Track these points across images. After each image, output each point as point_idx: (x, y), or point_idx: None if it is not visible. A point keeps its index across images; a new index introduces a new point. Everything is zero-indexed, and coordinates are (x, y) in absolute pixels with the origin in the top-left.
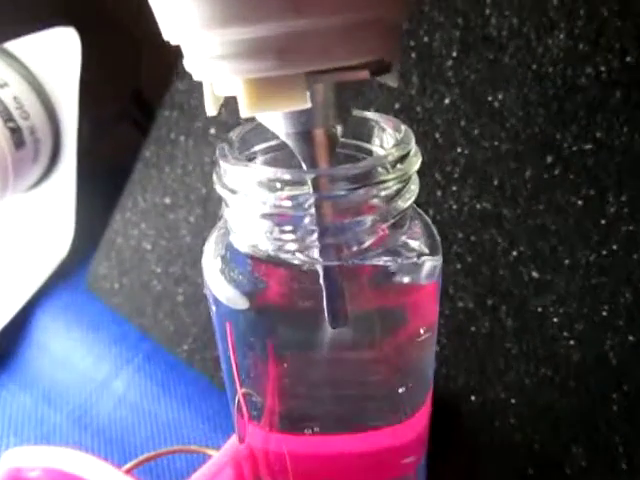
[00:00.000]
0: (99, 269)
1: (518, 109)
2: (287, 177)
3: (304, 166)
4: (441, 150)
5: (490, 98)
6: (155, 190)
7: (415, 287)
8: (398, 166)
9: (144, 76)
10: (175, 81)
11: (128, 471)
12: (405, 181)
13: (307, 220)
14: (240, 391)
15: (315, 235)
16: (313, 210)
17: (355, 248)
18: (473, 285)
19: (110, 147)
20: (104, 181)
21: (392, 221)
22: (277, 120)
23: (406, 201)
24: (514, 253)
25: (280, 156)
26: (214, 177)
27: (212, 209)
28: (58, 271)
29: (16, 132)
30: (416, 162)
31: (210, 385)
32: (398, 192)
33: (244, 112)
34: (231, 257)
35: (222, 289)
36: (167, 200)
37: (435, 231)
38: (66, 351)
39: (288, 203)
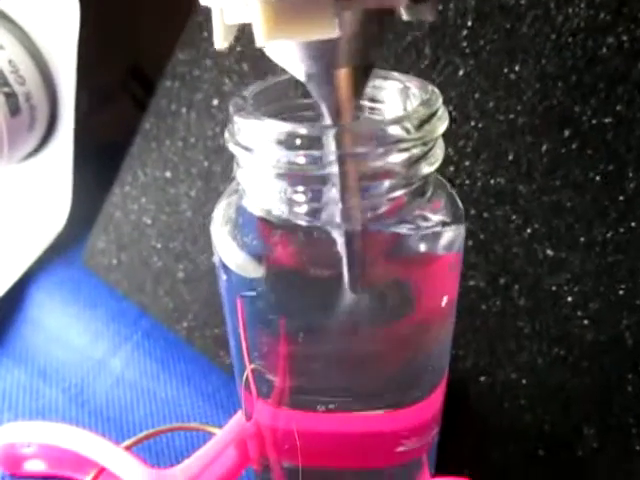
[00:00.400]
0: (97, 244)
1: (535, 81)
2: (305, 132)
3: (326, 113)
4: (454, 124)
5: (506, 70)
6: (155, 164)
7: (436, 257)
8: (425, 127)
9: (144, 50)
10: (176, 52)
11: (127, 448)
12: (430, 144)
13: (324, 181)
14: (249, 367)
15: (333, 197)
16: (331, 169)
17: (372, 213)
18: (485, 263)
19: (109, 121)
20: (102, 154)
21: (415, 186)
22: (295, 58)
23: (430, 166)
24: (528, 230)
25: (294, 118)
26: (226, 135)
27: (214, 184)
28: (54, 245)
29: (11, 97)
30: (443, 124)
31: (210, 363)
32: (422, 156)
33: (260, 40)
34: (243, 222)
35: (233, 256)
36: (168, 174)
37: (459, 201)
38: (62, 328)
39: (303, 160)
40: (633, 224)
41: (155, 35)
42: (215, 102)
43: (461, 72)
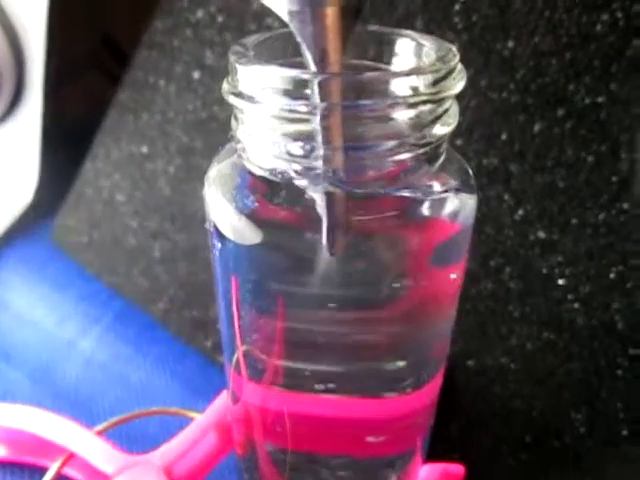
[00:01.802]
0: (66, 221)
1: (529, 59)
2: (308, 77)
3: (309, 58)
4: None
5: (499, 47)
6: (131, 138)
7: (446, 226)
8: (440, 84)
9: (118, 19)
10: (154, 20)
11: (99, 433)
12: (442, 104)
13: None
14: (241, 348)
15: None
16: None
17: (374, 175)
18: (476, 245)
19: (80, 92)
20: (73, 127)
21: (424, 150)
22: None
23: (444, 126)
24: (520, 212)
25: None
26: (224, 87)
27: (194, 160)
28: (20, 220)
29: None
30: (459, 83)
31: (187, 346)
32: (434, 115)
33: None
34: (241, 183)
35: (230, 220)
36: (144, 149)
37: (471, 173)
38: (28, 308)
39: (304, 109)
40: (626, 206)
41: (130, 2)
42: (196, 75)
43: (453, 48)
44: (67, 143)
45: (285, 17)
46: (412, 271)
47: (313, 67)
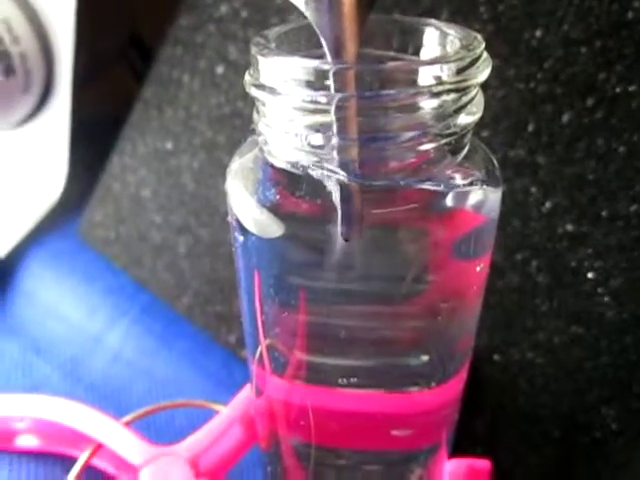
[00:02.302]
0: (94, 216)
1: (557, 47)
2: (329, 68)
3: (325, 48)
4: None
5: (527, 36)
6: (156, 134)
7: (471, 218)
8: (465, 72)
9: (144, 15)
10: (178, 17)
11: (127, 424)
12: (467, 93)
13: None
14: (264, 342)
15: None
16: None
17: (396, 166)
18: (502, 238)
19: (107, 89)
20: (101, 123)
21: (445, 141)
22: None
23: (465, 119)
24: (548, 204)
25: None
26: (246, 79)
27: (218, 155)
28: (49, 216)
29: (5, 57)
30: (484, 71)
31: (211, 340)
32: (457, 106)
33: None
34: (263, 176)
35: (252, 213)
36: (169, 145)
37: (497, 166)
38: (57, 301)
39: (325, 99)
40: None
41: (154, 1)
42: (219, 70)
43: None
44: (94, 139)
45: (301, 6)
46: (435, 264)
47: (329, 55)
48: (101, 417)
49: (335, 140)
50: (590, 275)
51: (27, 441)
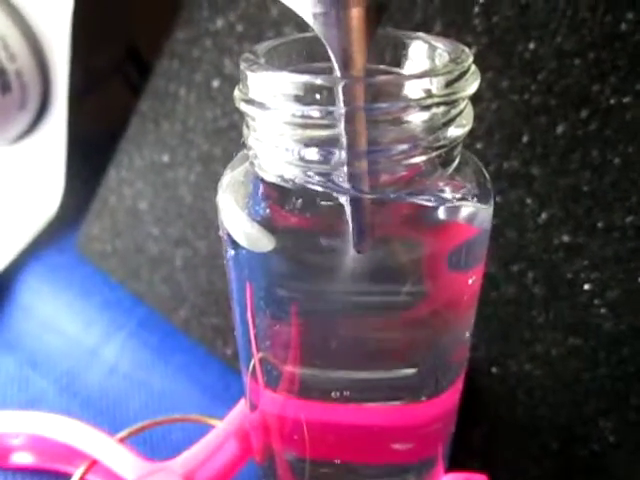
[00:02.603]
0: (91, 230)
1: (551, 59)
2: (321, 83)
3: (334, 61)
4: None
5: (520, 48)
6: (152, 147)
7: (462, 231)
8: (453, 85)
9: (140, 29)
10: (175, 30)
11: (122, 440)
12: (456, 106)
13: (337, 139)
14: (257, 356)
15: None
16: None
17: (388, 180)
18: (497, 249)
19: (103, 103)
20: (97, 137)
21: (438, 152)
22: None
23: (458, 128)
24: (543, 215)
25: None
26: (236, 94)
27: (214, 167)
28: (46, 230)
29: (1, 75)
30: (472, 84)
31: (208, 353)
32: (447, 117)
33: None
34: (253, 190)
35: (243, 228)
36: (165, 158)
37: (488, 178)
38: (53, 315)
39: (317, 114)
40: None
41: (151, 13)
42: (215, 84)
43: (473, 50)
44: (91, 152)
45: (309, 19)
46: (429, 276)
47: (337, 69)
48: (95, 433)
49: (343, 154)
50: (587, 287)
51: (22, 458)
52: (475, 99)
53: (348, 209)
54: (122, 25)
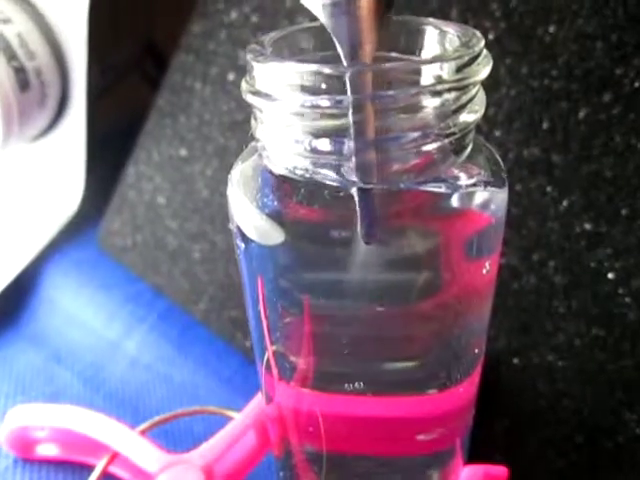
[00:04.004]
0: (111, 225)
1: (572, 43)
2: (330, 72)
3: (341, 51)
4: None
5: (540, 32)
6: (170, 141)
7: (476, 218)
8: (464, 70)
9: (158, 25)
10: (190, 24)
11: (143, 432)
12: (467, 91)
13: (348, 129)
14: (270, 348)
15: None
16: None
17: (399, 169)
18: (518, 239)
19: (122, 99)
20: (116, 133)
21: (451, 139)
22: None
23: (470, 114)
24: (565, 203)
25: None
26: (243, 86)
27: (230, 161)
28: (68, 227)
29: (20, 72)
30: (484, 69)
31: (227, 346)
32: (459, 103)
33: None
34: (263, 183)
35: (252, 221)
36: (183, 152)
37: (502, 165)
38: (77, 309)
39: (327, 103)
40: None
41: (169, 9)
42: (231, 77)
43: (491, 36)
44: (110, 148)
45: (318, 10)
46: (444, 266)
47: (345, 60)
48: (117, 426)
49: (351, 144)
50: (610, 275)
51: (47, 450)
52: (493, 85)
53: (356, 200)
54: (140, 21)
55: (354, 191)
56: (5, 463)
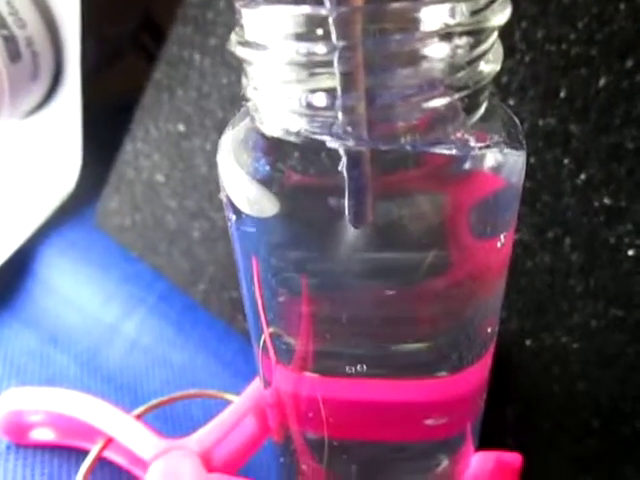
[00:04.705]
0: (109, 204)
1: (592, 5)
2: (325, 13)
3: None
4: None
5: None
6: (168, 116)
7: (490, 185)
8: (481, 14)
9: (159, 2)
10: None
11: (138, 416)
12: (483, 40)
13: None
14: (266, 330)
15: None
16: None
17: (402, 128)
18: (532, 215)
19: (119, 74)
20: (113, 109)
21: (459, 96)
22: None
23: (483, 67)
24: (582, 176)
25: None
26: (232, 38)
27: None
28: (65, 205)
29: (10, 41)
30: (502, 11)
31: (228, 328)
32: (471, 55)
33: None
34: (254, 148)
35: (243, 189)
36: (181, 127)
37: (520, 128)
38: (73, 290)
39: (324, 50)
40: None
41: None
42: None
43: None
44: (108, 124)
45: None
46: (452, 238)
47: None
48: (112, 410)
49: (339, 98)
50: (630, 252)
51: (42, 434)
52: (507, 51)
53: (344, 168)
54: None
55: (342, 157)
56: None
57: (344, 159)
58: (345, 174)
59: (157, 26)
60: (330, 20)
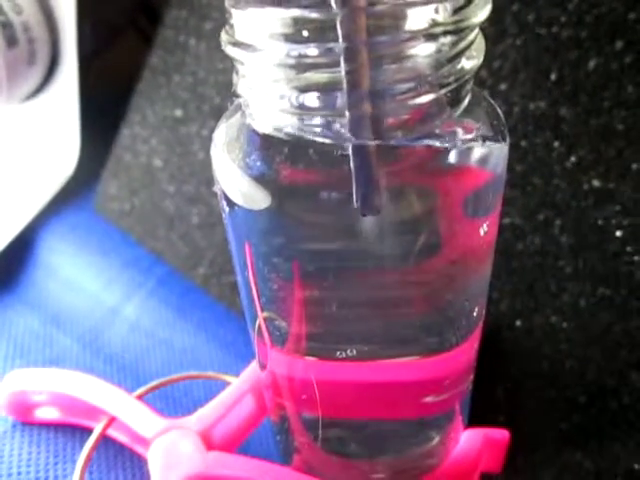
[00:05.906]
0: (107, 189)
1: None
2: (317, 16)
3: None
4: (487, 41)
5: None
6: (164, 101)
7: (473, 176)
8: (463, 12)
9: None
10: None
11: (140, 397)
12: (464, 36)
13: (340, 82)
14: (261, 315)
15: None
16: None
17: (394, 122)
18: (522, 197)
19: (116, 58)
20: (110, 94)
21: (444, 91)
22: None
23: (465, 64)
24: (572, 159)
25: None
26: (222, 37)
27: None
28: (64, 190)
29: (7, 27)
30: (483, 9)
31: (227, 310)
32: (454, 51)
33: None
34: (247, 143)
35: (237, 183)
36: (178, 112)
37: (502, 117)
38: (74, 274)
39: (315, 52)
40: None
41: None
42: None
43: None
44: (106, 109)
45: None
46: (442, 226)
47: (335, 3)
48: (114, 390)
49: (344, 97)
50: (618, 233)
51: (46, 413)
52: (498, 35)
53: (352, 162)
54: None
55: (349, 151)
56: (4, 427)
57: (352, 155)
58: (353, 169)
59: (154, 10)
60: (337, 20)
